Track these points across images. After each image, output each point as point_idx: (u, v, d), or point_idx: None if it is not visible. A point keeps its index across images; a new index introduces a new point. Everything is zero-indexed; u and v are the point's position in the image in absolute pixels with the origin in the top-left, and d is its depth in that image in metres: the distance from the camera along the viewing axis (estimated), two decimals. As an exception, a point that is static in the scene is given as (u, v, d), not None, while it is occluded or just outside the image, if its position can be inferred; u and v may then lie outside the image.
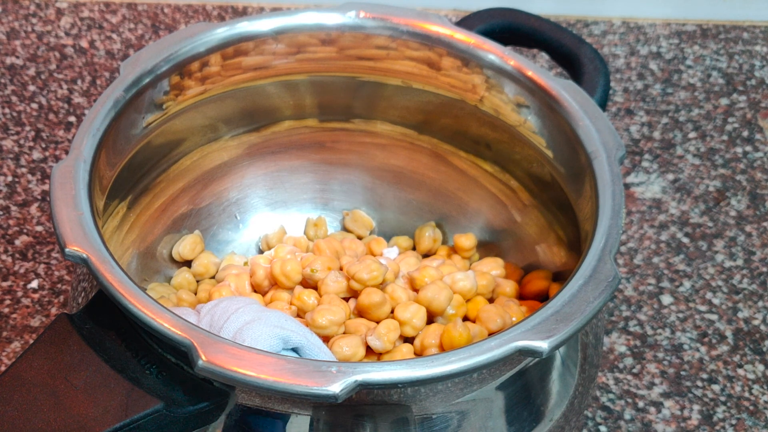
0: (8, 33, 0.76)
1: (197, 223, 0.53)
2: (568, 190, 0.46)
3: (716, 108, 0.74)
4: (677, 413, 0.55)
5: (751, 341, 0.59)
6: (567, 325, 0.37)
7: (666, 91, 0.75)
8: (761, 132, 0.72)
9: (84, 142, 0.42)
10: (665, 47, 0.79)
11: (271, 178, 0.55)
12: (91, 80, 0.73)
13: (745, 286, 0.62)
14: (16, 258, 0.60)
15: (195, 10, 0.80)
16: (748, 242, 0.64)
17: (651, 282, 0.61)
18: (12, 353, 0.55)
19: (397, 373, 0.35)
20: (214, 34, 0.48)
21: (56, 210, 0.39)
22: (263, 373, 0.34)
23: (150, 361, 0.37)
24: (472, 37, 0.49)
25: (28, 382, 0.36)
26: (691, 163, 0.70)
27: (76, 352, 0.37)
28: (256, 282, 0.49)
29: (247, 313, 0.41)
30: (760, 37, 0.81)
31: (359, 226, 0.55)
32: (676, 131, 0.72)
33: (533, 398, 0.41)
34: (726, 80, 0.77)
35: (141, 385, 0.36)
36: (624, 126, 0.72)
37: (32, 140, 0.68)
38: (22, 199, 0.64)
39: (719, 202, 0.67)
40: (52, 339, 0.37)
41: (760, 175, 0.69)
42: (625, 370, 0.57)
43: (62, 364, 0.37)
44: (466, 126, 0.52)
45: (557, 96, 0.46)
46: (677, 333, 0.59)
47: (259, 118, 0.53)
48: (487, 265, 0.50)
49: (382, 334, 0.44)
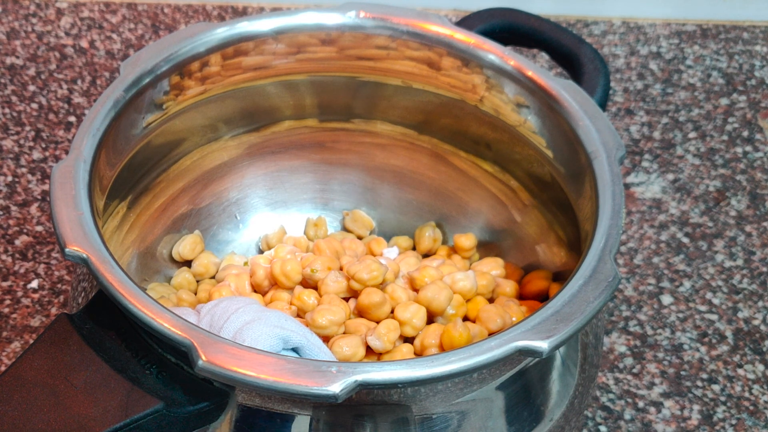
0: (8, 33, 0.76)
1: (197, 223, 0.53)
2: (568, 190, 0.46)
3: (716, 108, 0.74)
4: (677, 413, 0.55)
5: (751, 341, 0.59)
6: (567, 325, 0.37)
7: (666, 91, 0.75)
8: (761, 132, 0.72)
9: (84, 142, 0.42)
10: (665, 47, 0.79)
11: (271, 178, 0.55)
12: (91, 80, 0.73)
13: (745, 286, 0.62)
14: (16, 258, 0.60)
15: (195, 10, 0.80)
16: (748, 242, 0.64)
17: (651, 282, 0.61)
18: (12, 353, 0.55)
19: (397, 373, 0.35)
20: (214, 34, 0.48)
21: (56, 210, 0.39)
22: (263, 373, 0.34)
23: (150, 361, 0.37)
24: (472, 37, 0.49)
25: (28, 382, 0.36)
26: (691, 163, 0.70)
27: (76, 352, 0.37)
28: (256, 282, 0.49)
29: (247, 313, 0.41)
30: (760, 37, 0.81)
31: (359, 226, 0.55)
32: (676, 131, 0.72)
33: (533, 398, 0.41)
34: (726, 80, 0.76)
35: (141, 385, 0.36)
36: (624, 126, 0.72)
37: (32, 140, 0.68)
38: (22, 199, 0.64)
39: (719, 202, 0.66)
40: (52, 339, 0.37)
41: (760, 175, 0.69)
42: (625, 370, 0.57)
43: (62, 364, 0.37)
44: (466, 126, 0.52)
45: (557, 96, 0.46)
46: (677, 333, 0.59)
47: (259, 118, 0.53)
48: (487, 265, 0.50)
49: (382, 334, 0.44)
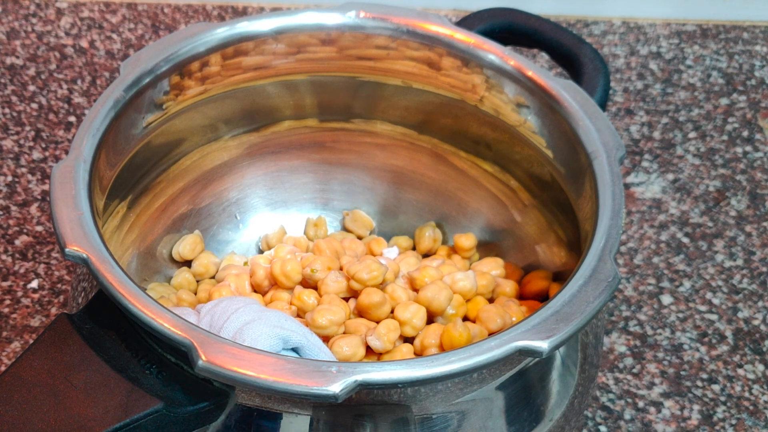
0: (8, 33, 0.76)
1: (197, 223, 0.53)
2: (568, 190, 0.46)
3: (716, 108, 0.74)
4: (677, 413, 0.55)
5: (751, 341, 0.59)
6: (567, 325, 0.37)
7: (666, 91, 0.75)
8: (761, 132, 0.72)
9: (84, 142, 0.42)
10: (665, 47, 0.79)
11: (271, 178, 0.55)
12: (91, 80, 0.73)
13: (745, 286, 0.62)
14: (16, 258, 0.60)
15: (195, 10, 0.80)
16: (748, 242, 0.64)
17: (651, 282, 0.61)
18: (12, 353, 0.55)
19: (397, 373, 0.35)
20: (214, 34, 0.48)
21: (56, 210, 0.39)
22: (263, 373, 0.34)
23: (150, 361, 0.37)
24: (472, 37, 0.49)
25: (28, 382, 0.36)
26: (691, 163, 0.70)
27: (76, 352, 0.37)
28: (256, 282, 0.49)
29: (247, 313, 0.41)
30: (760, 37, 0.81)
31: (359, 226, 0.55)
32: (676, 131, 0.72)
33: (533, 398, 0.41)
34: (726, 80, 0.76)
35: (141, 385, 0.36)
36: (624, 126, 0.72)
37: (32, 140, 0.68)
38: (22, 199, 0.64)
39: (719, 202, 0.66)
40: (52, 339, 0.37)
41: (760, 175, 0.69)
42: (625, 370, 0.57)
43: (62, 364, 0.37)
44: (466, 126, 0.52)
45: (557, 96, 0.46)
46: (677, 333, 0.59)
47: (259, 118, 0.53)
48: (487, 265, 0.50)
49: (382, 334, 0.44)
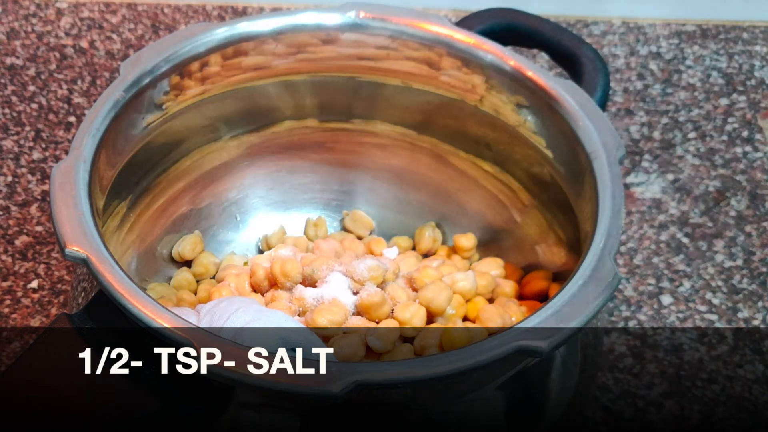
0: (8, 33, 0.76)
1: (197, 223, 0.53)
2: (568, 190, 0.46)
3: (716, 108, 0.74)
4: (677, 413, 0.55)
5: (751, 341, 0.59)
6: (567, 325, 0.37)
7: (666, 91, 0.75)
8: (761, 132, 0.72)
9: (84, 142, 0.42)
10: (665, 47, 0.79)
11: (271, 179, 0.55)
12: (91, 80, 0.73)
13: (745, 286, 0.62)
14: (16, 258, 0.60)
15: (195, 10, 0.80)
16: (748, 242, 0.64)
17: (651, 282, 0.61)
18: (12, 353, 0.55)
19: (397, 373, 0.35)
20: (214, 34, 0.48)
21: (56, 210, 0.39)
22: (263, 373, 0.34)
23: (150, 361, 0.37)
24: (472, 37, 0.49)
25: (28, 382, 0.36)
26: (691, 163, 0.70)
27: (76, 352, 0.37)
28: (256, 282, 0.49)
29: (247, 313, 0.41)
30: (760, 37, 0.81)
31: (359, 226, 0.55)
32: (676, 131, 0.72)
33: (533, 398, 0.41)
34: (726, 80, 0.76)
35: (141, 385, 0.36)
36: (624, 126, 0.72)
37: (32, 140, 0.68)
38: (22, 199, 0.64)
39: (719, 202, 0.66)
40: (52, 339, 0.37)
41: (760, 175, 0.69)
42: (625, 370, 0.57)
43: (62, 364, 0.37)
44: (466, 126, 0.52)
45: (557, 96, 0.46)
46: (677, 333, 0.59)
47: (259, 118, 0.53)
48: (487, 265, 0.50)
49: (382, 334, 0.44)
